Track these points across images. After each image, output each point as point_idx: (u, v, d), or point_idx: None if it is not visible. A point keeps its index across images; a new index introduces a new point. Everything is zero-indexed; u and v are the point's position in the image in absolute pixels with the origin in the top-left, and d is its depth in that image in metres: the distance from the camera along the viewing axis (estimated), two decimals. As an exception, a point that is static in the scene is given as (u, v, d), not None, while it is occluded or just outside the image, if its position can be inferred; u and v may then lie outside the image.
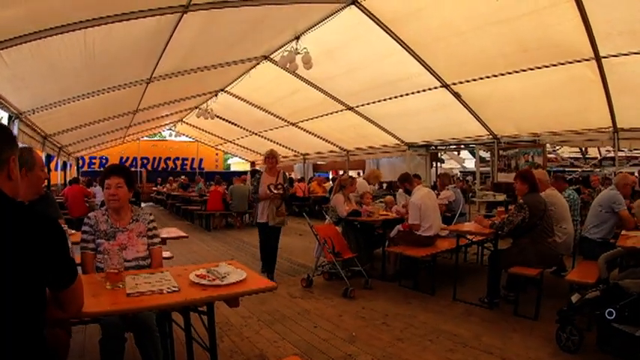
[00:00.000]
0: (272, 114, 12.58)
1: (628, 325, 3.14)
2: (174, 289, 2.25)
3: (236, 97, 11.71)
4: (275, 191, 5.81)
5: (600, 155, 14.85)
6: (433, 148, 12.42)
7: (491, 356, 3.57)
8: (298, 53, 7.44)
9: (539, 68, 7.03)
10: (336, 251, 5.52)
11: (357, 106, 10.48)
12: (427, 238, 5.59)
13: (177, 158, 24.37)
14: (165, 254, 3.95)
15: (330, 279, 5.97)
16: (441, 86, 8.38)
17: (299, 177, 17.15)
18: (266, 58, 8.77)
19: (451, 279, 5.35)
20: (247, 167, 21.84)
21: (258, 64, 9.10)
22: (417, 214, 5.58)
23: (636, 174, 11.38)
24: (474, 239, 5.68)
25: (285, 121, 13.07)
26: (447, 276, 5.65)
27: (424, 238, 5.59)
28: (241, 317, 4.46)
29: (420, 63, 7.61)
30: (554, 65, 6.83)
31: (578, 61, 6.58)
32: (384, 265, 6.21)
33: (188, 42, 6.57)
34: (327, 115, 11.48)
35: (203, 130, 17.90)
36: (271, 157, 6.02)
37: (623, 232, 4.69)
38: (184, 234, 4.93)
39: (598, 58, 6.36)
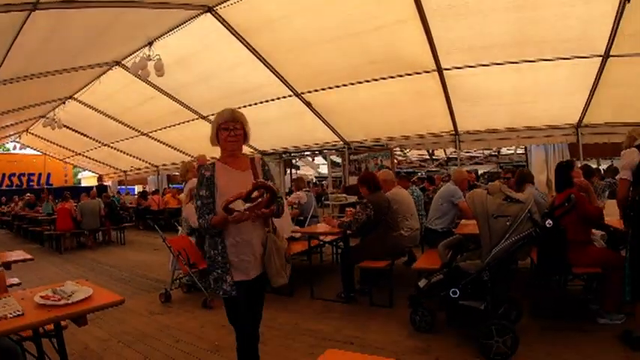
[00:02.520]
0: (124, 124, 11.90)
1: (472, 301, 3.55)
2: (17, 313, 2.10)
3: (85, 105, 10.89)
4: (258, 204, 2.46)
5: (446, 156, 16.34)
6: (287, 155, 12.62)
7: (352, 346, 3.76)
8: (150, 60, 7.14)
9: (384, 79, 7.61)
10: (191, 262, 5.36)
11: (210, 115, 10.24)
12: None
13: (23, 174, 21.80)
14: (13, 280, 3.78)
15: (189, 291, 5.78)
16: (292, 95, 8.61)
17: (153, 189, 16.38)
18: (117, 63, 8.28)
19: (308, 279, 5.50)
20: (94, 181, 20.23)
21: (109, 69, 8.55)
22: None
23: (473, 173, 12.84)
24: (325, 239, 5.93)
25: (138, 131, 12.44)
26: (304, 277, 5.78)
27: None
28: (101, 341, 4.15)
29: (273, 72, 7.77)
30: (401, 76, 7.46)
31: (421, 73, 7.27)
32: None
33: (34, 44, 6.01)
34: (180, 124, 11.17)
35: (50, 141, 16.19)
36: (232, 122, 2.61)
37: (463, 221, 5.28)
38: (30, 256, 4.54)
39: (440, 71, 7.08)
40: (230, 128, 2.58)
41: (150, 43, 7.22)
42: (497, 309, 3.68)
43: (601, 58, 6.33)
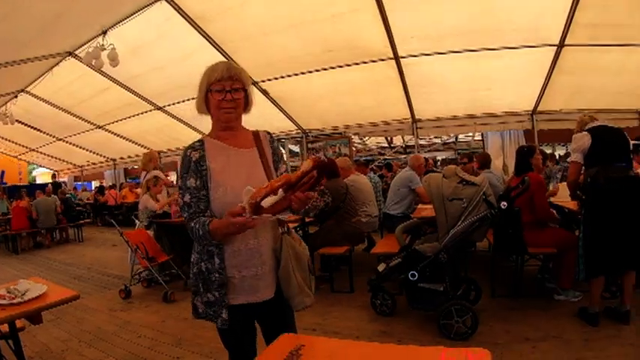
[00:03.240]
0: (78, 117, 11.44)
1: (431, 283, 3.61)
2: (-30, 315, 2.00)
3: (39, 98, 10.37)
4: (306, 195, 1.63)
5: (404, 143, 16.51)
6: None
7: (314, 332, 3.78)
8: (104, 49, 6.90)
9: (341, 67, 7.61)
10: (150, 256, 5.27)
11: (167, 106, 10.06)
12: None
13: (-25, 173, 20.59)
14: (-35, 284, 3.50)
15: (149, 286, 5.68)
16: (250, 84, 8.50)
17: (110, 184, 15.94)
18: (70, 54, 7.94)
19: None
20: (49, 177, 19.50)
21: (62, 60, 8.19)
22: None
23: (431, 160, 13.04)
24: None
25: (93, 124, 11.99)
26: None
27: None
28: (61, 341, 4.02)
29: (227, 59, 7.57)
30: (357, 64, 7.46)
31: (377, 61, 7.29)
32: None
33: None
34: (136, 115, 10.82)
35: (3, 137, 15.40)
36: (229, 80, 1.82)
37: (420, 205, 5.37)
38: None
39: (397, 59, 7.11)
40: (226, 89, 1.79)
41: (104, 32, 6.97)
42: (456, 290, 3.78)
43: (556, 47, 6.52)
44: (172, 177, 11.03)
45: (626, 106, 7.95)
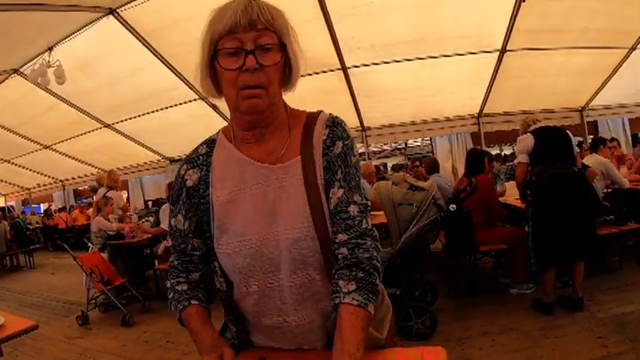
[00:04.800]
0: (24, 137, 10.99)
1: (387, 287, 3.70)
2: None
3: (-18, 118, 9.91)
4: None
5: (355, 151, 16.73)
6: None
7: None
8: (50, 66, 6.70)
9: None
10: (105, 280, 5.13)
11: (115, 123, 9.84)
12: None
13: None
14: None
15: (107, 310, 5.51)
16: (198, 98, 8.41)
17: (59, 206, 15.35)
18: (15, 71, 7.66)
19: None
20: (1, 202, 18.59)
21: (6, 78, 7.89)
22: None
23: (382, 166, 13.26)
24: None
25: (40, 144, 11.53)
26: None
27: None
28: None
29: (177, 76, 7.55)
30: (305, 75, 7.55)
31: (326, 72, 7.43)
32: (157, 284, 6.01)
33: None
34: (84, 134, 10.49)
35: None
36: (250, 30, 0.99)
37: (372, 212, 5.47)
38: None
39: (344, 69, 7.28)
40: (245, 49, 0.99)
41: (50, 49, 6.77)
42: (413, 292, 3.89)
43: (498, 52, 6.88)
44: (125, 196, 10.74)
45: (568, 105, 8.43)
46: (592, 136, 7.95)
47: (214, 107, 8.63)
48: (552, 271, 3.73)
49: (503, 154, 13.03)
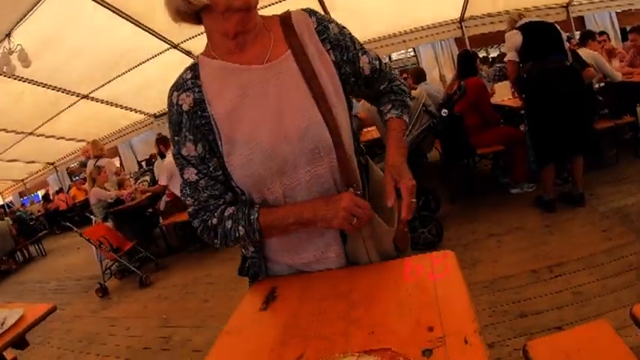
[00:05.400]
0: (3, 130, 10.65)
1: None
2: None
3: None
4: None
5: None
6: None
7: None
8: (12, 52, 6.40)
9: (266, 7, 7.28)
10: (115, 247, 5.18)
11: (91, 92, 9.52)
12: None
13: None
14: None
15: (123, 276, 5.60)
16: (170, 48, 8.15)
17: (57, 189, 15.30)
18: (-23, 67, 7.36)
19: None
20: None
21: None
22: (168, 176, 5.50)
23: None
24: None
25: (21, 132, 11.27)
26: None
27: None
28: (56, 358, 3.94)
29: (143, 29, 7.23)
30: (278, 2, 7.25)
31: None
32: (166, 240, 6.13)
33: None
34: (63, 111, 10.17)
35: None
36: None
37: (364, 130, 5.37)
38: None
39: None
40: None
41: (7, 35, 6.44)
42: (416, 202, 3.89)
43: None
44: (117, 163, 10.68)
45: (552, 2, 8.10)
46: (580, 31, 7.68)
47: (188, 53, 8.36)
48: (552, 168, 3.71)
49: (490, 57, 12.75)
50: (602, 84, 4.60)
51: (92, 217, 6.10)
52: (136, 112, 11.41)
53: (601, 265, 2.71)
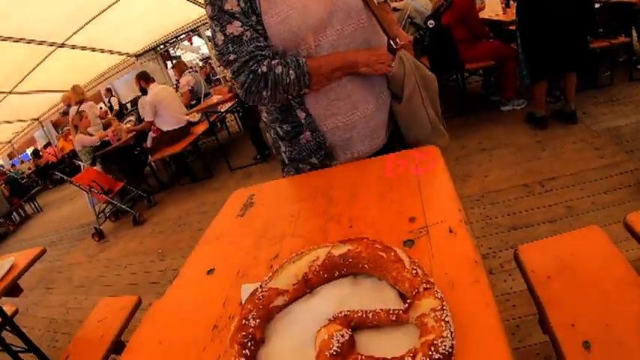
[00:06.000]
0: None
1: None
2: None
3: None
4: None
5: None
6: (163, 47, 11.75)
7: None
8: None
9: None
10: (106, 190, 5.15)
11: (67, 40, 9.17)
12: (179, 131, 5.60)
13: None
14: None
15: (118, 218, 5.64)
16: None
17: (44, 144, 15.12)
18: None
19: (222, 155, 5.67)
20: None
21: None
22: (152, 111, 5.42)
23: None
24: (221, 109, 5.96)
25: (1, 93, 11.01)
26: (217, 156, 5.92)
27: (176, 132, 5.57)
28: (60, 306, 4.03)
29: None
30: None
31: None
32: (157, 177, 6.18)
33: None
34: (41, 63, 9.81)
35: None
36: None
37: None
38: None
39: None
40: None
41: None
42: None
43: None
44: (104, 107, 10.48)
45: None
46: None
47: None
48: (544, 84, 3.62)
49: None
50: (598, 4, 4.45)
51: (80, 163, 6.03)
52: (116, 53, 11.07)
53: (593, 181, 2.71)
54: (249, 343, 0.65)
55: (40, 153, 14.20)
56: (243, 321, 0.69)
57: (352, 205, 0.98)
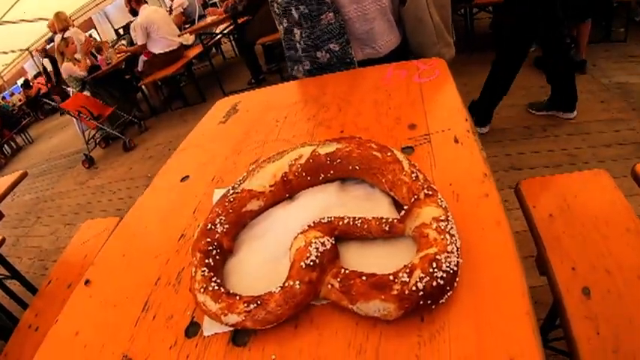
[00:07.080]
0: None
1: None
2: None
3: None
4: None
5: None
6: None
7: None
8: None
9: None
10: (96, 115, 5.03)
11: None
12: (172, 54, 5.42)
13: None
14: None
15: (108, 144, 5.58)
16: None
17: (34, 73, 14.76)
18: None
19: (217, 81, 5.50)
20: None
21: None
22: (144, 33, 5.23)
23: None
24: (216, 30, 5.81)
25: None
26: (211, 81, 5.77)
27: (168, 55, 5.40)
28: (50, 234, 4.04)
29: None
30: None
31: None
32: (148, 102, 6.12)
33: None
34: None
35: None
36: None
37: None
38: None
39: None
40: None
41: None
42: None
43: None
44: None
45: None
46: None
47: None
48: None
49: None
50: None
51: (69, 88, 5.87)
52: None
53: (596, 133, 2.65)
54: (214, 252, 0.57)
55: (31, 84, 13.87)
56: (209, 225, 0.60)
57: (345, 110, 0.93)
